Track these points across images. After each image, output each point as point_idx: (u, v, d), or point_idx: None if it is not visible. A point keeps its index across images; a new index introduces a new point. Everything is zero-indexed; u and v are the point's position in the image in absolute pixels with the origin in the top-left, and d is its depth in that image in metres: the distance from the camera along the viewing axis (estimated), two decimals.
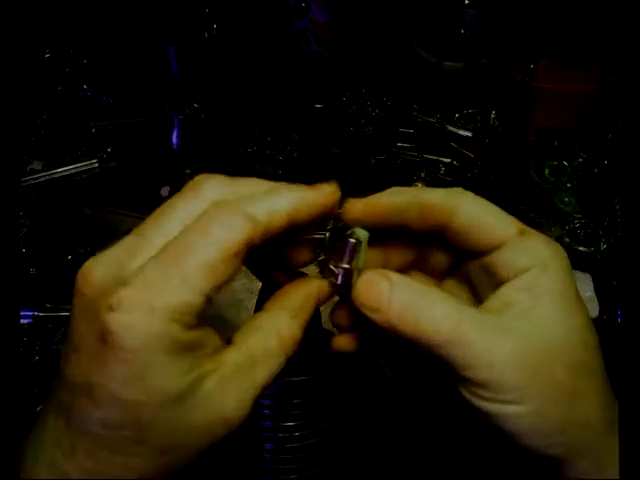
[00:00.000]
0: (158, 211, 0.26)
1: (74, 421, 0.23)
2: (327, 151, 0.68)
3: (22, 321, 0.51)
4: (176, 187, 0.63)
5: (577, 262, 0.58)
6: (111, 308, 0.22)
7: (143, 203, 0.62)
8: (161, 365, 0.22)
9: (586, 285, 0.56)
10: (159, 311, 0.22)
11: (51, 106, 0.71)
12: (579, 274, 0.57)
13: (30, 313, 0.51)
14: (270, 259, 0.30)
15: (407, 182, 0.64)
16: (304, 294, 0.29)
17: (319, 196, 0.28)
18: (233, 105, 0.72)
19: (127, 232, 0.26)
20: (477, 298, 0.30)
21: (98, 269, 0.24)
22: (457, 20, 0.69)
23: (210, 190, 0.26)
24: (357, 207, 0.30)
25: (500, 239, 0.27)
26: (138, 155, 0.68)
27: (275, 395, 0.39)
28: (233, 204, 0.24)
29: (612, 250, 0.59)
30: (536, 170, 0.65)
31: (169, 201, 0.26)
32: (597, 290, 0.56)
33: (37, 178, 0.64)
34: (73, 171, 0.65)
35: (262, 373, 0.26)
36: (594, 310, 0.55)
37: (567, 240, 0.60)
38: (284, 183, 0.27)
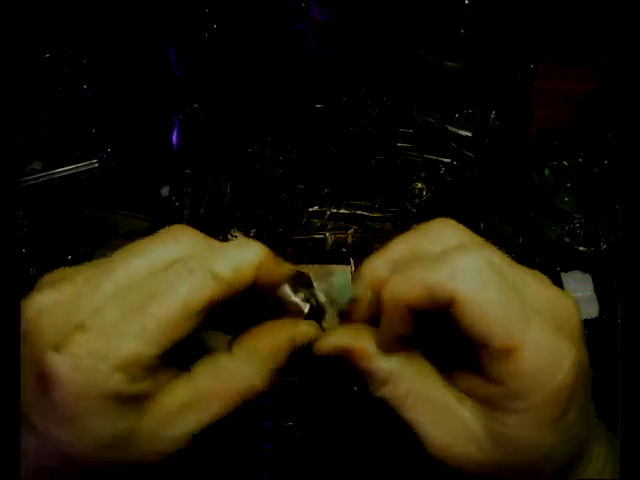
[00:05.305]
0: (128, 250, 0.25)
1: None
2: (327, 151, 0.68)
3: None
4: (176, 187, 0.63)
5: (577, 262, 0.58)
6: (58, 349, 0.22)
7: (143, 203, 0.62)
8: (97, 412, 0.22)
9: (586, 285, 0.56)
10: (108, 360, 0.22)
11: (51, 106, 0.71)
12: (579, 274, 0.57)
13: None
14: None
15: (407, 182, 0.64)
16: (273, 341, 0.27)
17: (280, 263, 0.27)
18: (233, 105, 0.72)
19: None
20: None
21: (53, 295, 0.24)
22: (457, 20, 0.69)
23: (183, 242, 0.26)
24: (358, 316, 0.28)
25: (488, 344, 0.24)
26: (138, 155, 0.67)
27: (275, 395, 0.39)
28: (201, 260, 0.24)
29: (612, 250, 0.59)
30: (536, 170, 0.65)
31: (141, 243, 0.26)
32: (597, 290, 0.56)
33: (37, 178, 0.64)
34: (73, 171, 0.65)
35: (208, 414, 0.25)
36: (594, 310, 0.55)
37: (567, 240, 0.60)
38: (253, 241, 0.27)
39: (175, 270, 0.24)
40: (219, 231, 0.58)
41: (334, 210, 0.60)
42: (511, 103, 0.70)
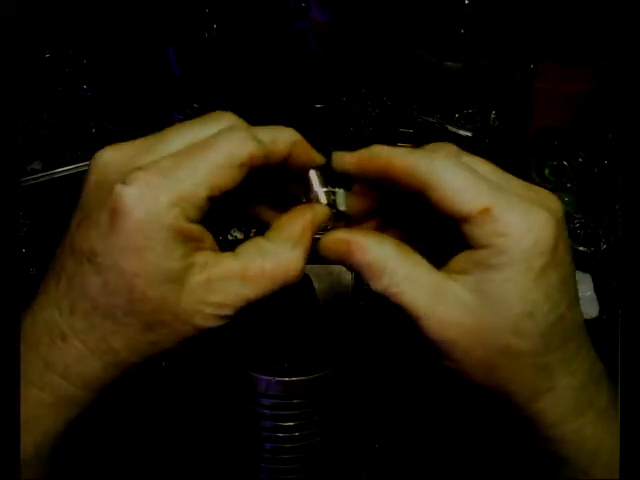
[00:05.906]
0: (181, 125, 0.29)
1: (75, 284, 0.26)
2: (327, 151, 0.68)
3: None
4: None
5: (577, 262, 0.58)
6: (124, 182, 0.25)
7: None
8: (159, 243, 0.25)
9: (586, 285, 0.56)
10: (167, 193, 0.25)
11: (51, 106, 0.71)
12: (579, 274, 0.57)
13: None
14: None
15: None
16: (302, 223, 0.30)
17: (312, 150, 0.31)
18: (233, 105, 0.72)
19: None
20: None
21: (116, 153, 0.27)
22: (457, 20, 0.69)
23: (228, 118, 0.29)
24: (345, 159, 0.32)
25: (465, 214, 0.27)
26: None
27: (275, 395, 0.39)
28: (244, 128, 0.28)
29: (612, 250, 0.59)
30: (536, 170, 0.65)
31: (191, 120, 0.29)
32: (597, 290, 0.56)
33: (37, 178, 0.64)
34: (73, 171, 0.65)
35: (250, 289, 0.27)
36: (594, 310, 0.55)
37: None
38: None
39: (221, 131, 0.27)
40: (219, 231, 0.58)
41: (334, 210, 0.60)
42: (511, 103, 0.70)
